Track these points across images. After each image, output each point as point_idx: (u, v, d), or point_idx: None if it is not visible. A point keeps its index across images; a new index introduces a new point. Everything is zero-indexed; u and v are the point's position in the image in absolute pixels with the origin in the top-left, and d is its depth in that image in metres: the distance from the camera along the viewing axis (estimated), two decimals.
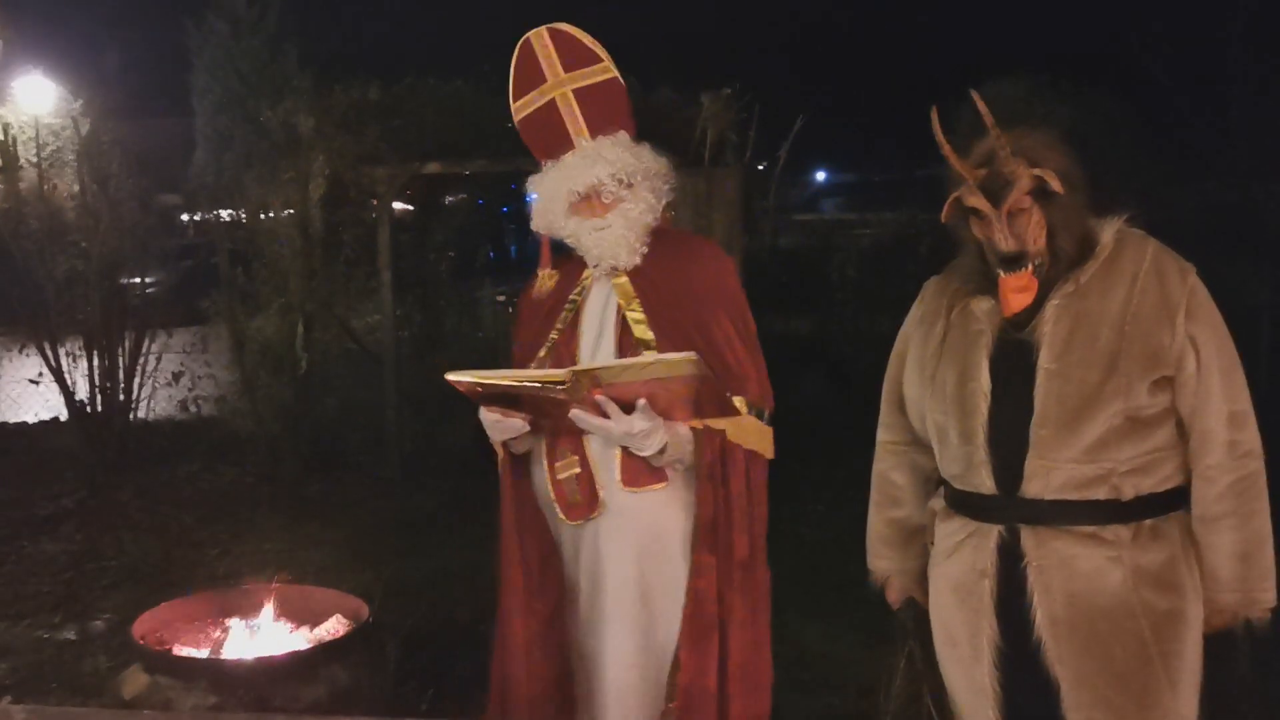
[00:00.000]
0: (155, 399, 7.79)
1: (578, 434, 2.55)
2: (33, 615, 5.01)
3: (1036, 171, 2.26)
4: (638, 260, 2.65)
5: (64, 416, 7.83)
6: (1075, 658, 2.28)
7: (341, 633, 3.60)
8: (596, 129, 2.65)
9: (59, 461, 7.49)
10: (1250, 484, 2.27)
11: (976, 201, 2.31)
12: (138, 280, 7.86)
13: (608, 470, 2.58)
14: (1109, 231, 2.34)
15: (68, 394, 7.46)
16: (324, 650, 3.47)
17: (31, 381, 7.82)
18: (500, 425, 2.56)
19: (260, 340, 7.49)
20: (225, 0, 18.15)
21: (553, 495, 2.64)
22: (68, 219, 7.59)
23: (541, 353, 2.69)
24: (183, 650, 3.54)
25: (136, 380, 7.54)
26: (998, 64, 8.57)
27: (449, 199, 8.99)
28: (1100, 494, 2.26)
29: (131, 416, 7.59)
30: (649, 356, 2.43)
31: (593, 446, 2.58)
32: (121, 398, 7.50)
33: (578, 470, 2.60)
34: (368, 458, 7.55)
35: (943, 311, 2.47)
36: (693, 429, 2.50)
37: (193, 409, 8.07)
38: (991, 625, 2.36)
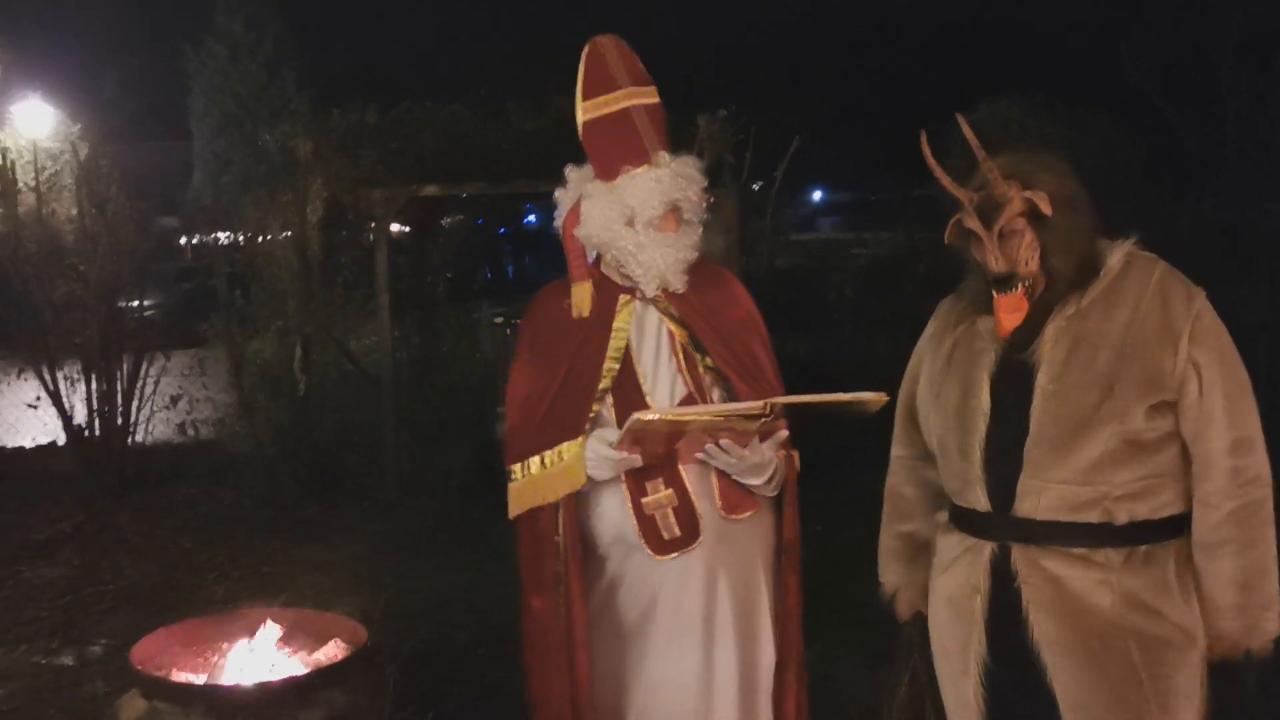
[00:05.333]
0: (153, 422, 7.78)
1: (672, 465, 2.56)
2: (30, 640, 4.99)
3: (1026, 194, 2.27)
4: (682, 287, 2.67)
5: (62, 440, 7.83)
6: (1070, 677, 2.28)
7: (340, 657, 3.57)
8: (663, 149, 2.67)
9: (56, 485, 7.48)
10: (1254, 511, 2.23)
11: (971, 223, 2.32)
12: (136, 303, 7.87)
13: (707, 499, 2.59)
14: (1117, 254, 2.33)
15: (66, 418, 7.45)
16: (322, 674, 3.45)
17: (29, 405, 7.81)
18: (623, 462, 2.55)
19: (258, 363, 7.50)
20: (223, 25, 18.30)
21: (638, 530, 2.60)
22: (66, 242, 7.61)
23: (603, 384, 2.64)
24: (181, 675, 3.52)
25: (135, 403, 7.54)
26: (994, 84, 8.61)
27: (446, 221, 9.01)
28: (1092, 517, 2.25)
29: (130, 440, 7.58)
30: (830, 395, 2.47)
31: (690, 477, 2.58)
32: (120, 421, 7.49)
33: (675, 503, 2.58)
34: (366, 480, 7.54)
35: (951, 329, 2.50)
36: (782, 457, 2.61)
37: (191, 432, 8.07)
38: (980, 641, 2.37)
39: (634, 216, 2.61)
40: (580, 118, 2.70)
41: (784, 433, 2.50)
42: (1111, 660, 2.26)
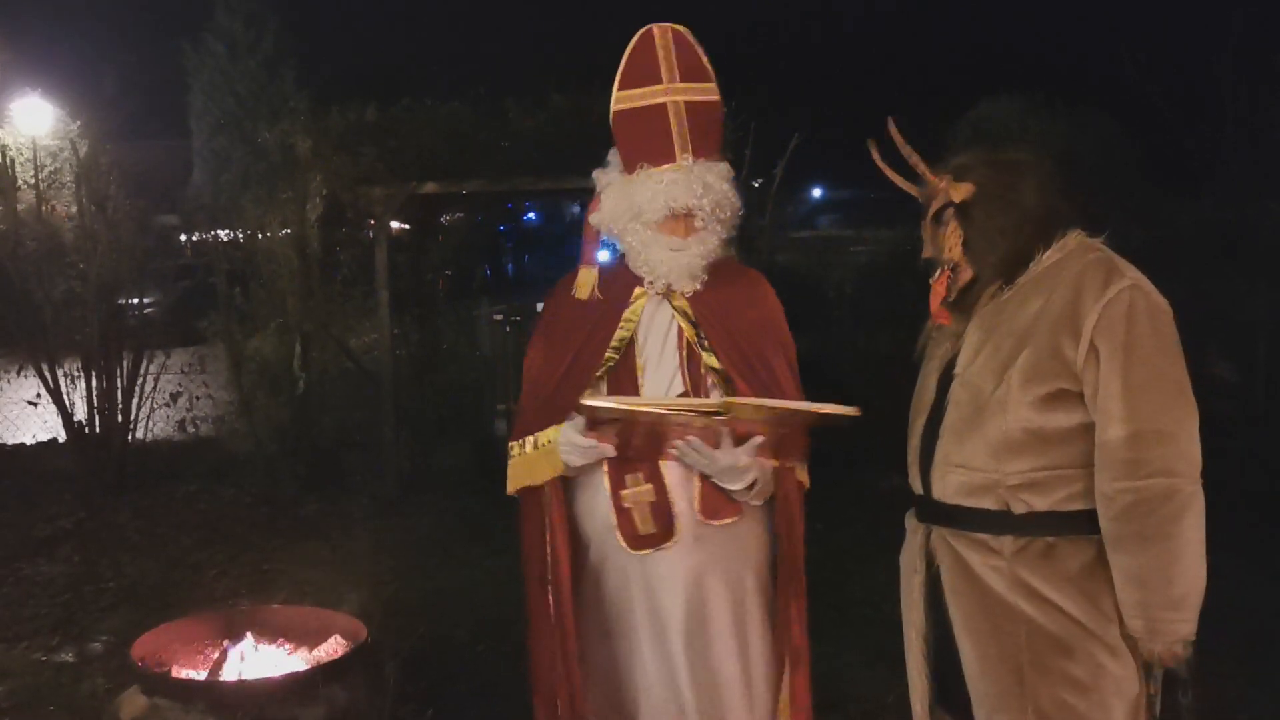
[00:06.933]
0: (153, 420, 7.78)
1: (654, 460, 2.54)
2: (30, 637, 4.99)
3: (943, 185, 2.35)
4: (697, 287, 2.65)
5: (62, 438, 7.82)
6: (968, 653, 2.33)
7: (340, 653, 3.59)
8: (699, 150, 2.62)
9: (57, 483, 7.48)
10: (1156, 506, 2.14)
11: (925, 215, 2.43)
12: (136, 301, 7.87)
13: (685, 498, 2.57)
14: (1057, 246, 2.33)
15: (66, 415, 7.45)
16: (323, 671, 3.46)
17: (29, 403, 7.82)
18: (592, 450, 2.54)
19: (258, 360, 7.50)
20: (222, 23, 18.28)
21: (615, 522, 2.60)
22: (66, 240, 7.60)
23: (599, 373, 2.65)
24: (181, 672, 3.53)
25: (134, 401, 7.53)
26: (995, 83, 8.62)
27: (445, 218, 9.01)
28: (989, 503, 2.27)
29: (129, 437, 7.57)
30: (804, 403, 2.44)
31: (670, 474, 2.57)
32: (119, 418, 7.49)
33: (652, 499, 2.57)
34: (366, 478, 7.54)
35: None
36: (774, 469, 2.55)
37: (191, 429, 8.06)
38: (919, 617, 2.43)
39: (639, 214, 2.61)
40: (611, 106, 2.67)
41: (759, 438, 2.44)
42: (997, 641, 2.28)
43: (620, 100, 2.65)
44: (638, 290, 2.68)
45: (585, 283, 2.72)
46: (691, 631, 2.60)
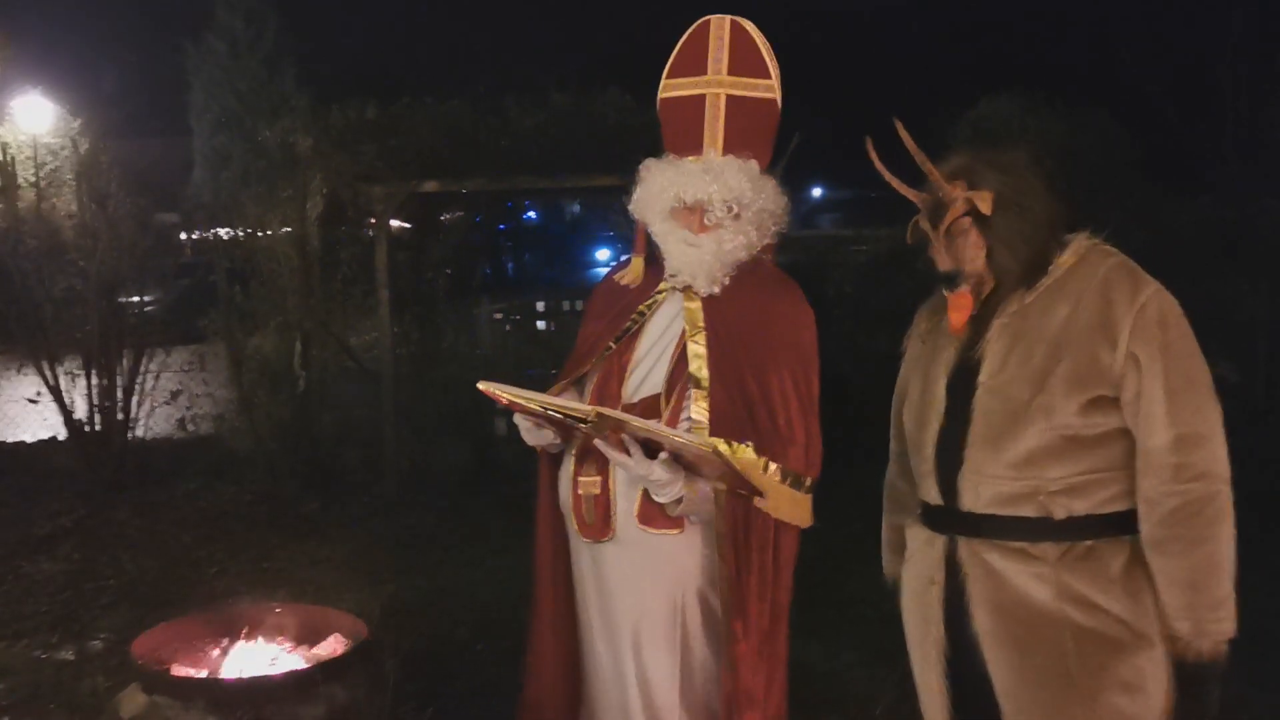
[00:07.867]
0: (153, 418, 7.78)
1: (605, 457, 2.52)
2: (30, 635, 4.99)
3: (967, 194, 2.30)
4: (715, 290, 2.60)
5: (62, 435, 7.83)
6: (1001, 666, 2.31)
7: (340, 652, 3.59)
8: (732, 145, 2.59)
9: (57, 480, 7.48)
10: (1200, 508, 2.17)
11: (923, 224, 2.38)
12: (136, 299, 7.87)
13: (627, 500, 2.55)
14: (1071, 249, 2.33)
15: (66, 413, 7.45)
16: (323, 669, 3.46)
17: (30, 400, 7.82)
18: (533, 433, 2.57)
19: (258, 358, 7.50)
20: (223, 21, 18.26)
21: (570, 507, 2.63)
22: (66, 238, 7.60)
23: (594, 361, 2.66)
24: (181, 670, 3.53)
25: (135, 399, 7.53)
26: (995, 82, 8.60)
27: (445, 217, 9.01)
28: (1028, 510, 2.25)
29: (130, 435, 7.57)
30: (672, 430, 2.40)
31: (618, 473, 2.55)
32: (120, 416, 7.49)
33: (597, 492, 2.57)
34: (366, 476, 7.55)
35: (924, 328, 2.54)
36: (716, 491, 2.46)
37: (191, 428, 8.06)
38: (939, 630, 2.40)
39: (651, 202, 2.62)
40: (658, 94, 2.68)
41: (664, 453, 2.38)
42: (1040, 650, 2.26)
43: (665, 88, 2.67)
44: (662, 284, 2.66)
45: (633, 270, 2.74)
46: (633, 639, 2.58)
